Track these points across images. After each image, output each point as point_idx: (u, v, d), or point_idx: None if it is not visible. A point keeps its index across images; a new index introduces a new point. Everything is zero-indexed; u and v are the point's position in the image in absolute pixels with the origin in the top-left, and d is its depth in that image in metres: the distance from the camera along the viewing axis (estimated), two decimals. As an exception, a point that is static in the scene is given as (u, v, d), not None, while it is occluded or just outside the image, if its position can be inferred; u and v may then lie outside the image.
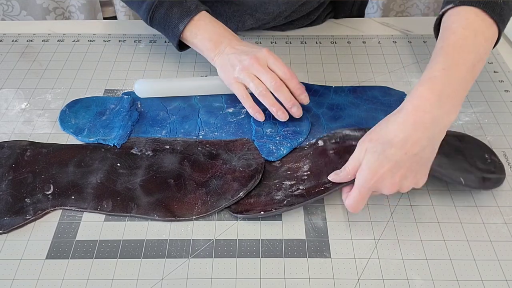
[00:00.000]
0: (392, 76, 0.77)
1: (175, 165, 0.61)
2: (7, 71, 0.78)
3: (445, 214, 0.57)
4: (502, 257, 0.53)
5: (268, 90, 0.65)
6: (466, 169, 0.59)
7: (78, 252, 0.53)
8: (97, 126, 0.67)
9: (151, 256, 0.53)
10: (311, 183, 0.57)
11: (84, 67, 0.79)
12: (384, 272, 0.52)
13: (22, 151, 0.63)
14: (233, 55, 0.67)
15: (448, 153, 0.61)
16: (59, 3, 1.13)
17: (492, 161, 0.61)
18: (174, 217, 0.56)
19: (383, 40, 0.85)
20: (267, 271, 0.52)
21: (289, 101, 0.65)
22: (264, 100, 0.65)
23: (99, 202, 0.57)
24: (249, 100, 0.67)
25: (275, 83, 0.65)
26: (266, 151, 0.63)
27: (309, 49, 0.83)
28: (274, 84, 0.65)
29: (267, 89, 0.65)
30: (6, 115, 0.70)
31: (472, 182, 0.57)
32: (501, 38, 0.85)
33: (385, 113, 0.68)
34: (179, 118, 0.69)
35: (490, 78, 0.77)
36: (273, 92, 0.65)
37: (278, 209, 0.55)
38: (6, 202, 0.57)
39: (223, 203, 0.57)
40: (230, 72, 0.67)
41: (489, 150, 0.63)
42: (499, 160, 0.62)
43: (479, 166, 0.60)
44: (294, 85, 0.66)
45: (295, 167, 0.60)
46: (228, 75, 0.68)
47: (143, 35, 0.86)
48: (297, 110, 0.66)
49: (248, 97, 0.67)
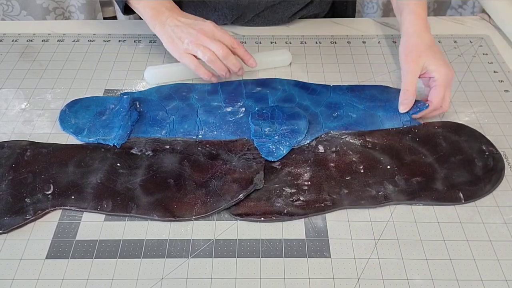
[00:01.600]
0: (392, 76, 0.77)
1: (175, 165, 0.61)
2: (7, 71, 0.78)
3: (444, 214, 0.57)
4: (502, 257, 0.53)
5: (216, 56, 0.70)
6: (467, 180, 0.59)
7: (78, 252, 0.53)
8: (97, 126, 0.67)
9: (151, 256, 0.53)
10: (311, 196, 0.58)
11: (84, 67, 0.79)
12: (384, 272, 0.52)
13: (22, 151, 0.63)
14: (177, 27, 0.71)
15: (447, 158, 0.61)
16: (59, 3, 1.13)
17: (490, 154, 0.62)
18: (174, 217, 0.56)
19: (383, 40, 0.85)
20: (267, 271, 0.52)
21: (237, 66, 0.71)
22: (213, 65, 0.70)
23: (99, 202, 0.57)
24: (202, 68, 0.71)
25: (222, 51, 0.69)
26: (265, 150, 0.63)
27: (309, 49, 0.83)
28: (222, 52, 0.69)
29: (215, 55, 0.70)
30: (6, 115, 0.70)
31: (472, 194, 0.58)
32: (501, 38, 0.86)
33: (383, 110, 0.69)
34: (178, 117, 0.69)
35: (490, 78, 0.77)
36: (221, 60, 0.70)
37: (279, 217, 0.56)
38: (6, 202, 0.57)
39: (222, 204, 0.57)
40: (178, 46, 0.71)
41: (485, 140, 0.64)
42: (496, 150, 0.63)
43: (478, 164, 0.61)
44: (241, 52, 0.72)
45: (296, 172, 0.60)
46: (177, 49, 0.71)
47: (143, 35, 0.86)
48: (241, 72, 0.73)
49: (200, 66, 0.71)
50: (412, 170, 0.60)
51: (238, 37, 0.86)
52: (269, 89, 0.74)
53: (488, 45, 0.84)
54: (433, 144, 0.63)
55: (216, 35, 0.71)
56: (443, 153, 0.62)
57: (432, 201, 0.57)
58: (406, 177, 0.60)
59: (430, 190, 0.58)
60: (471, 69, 0.78)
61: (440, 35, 0.86)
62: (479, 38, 0.86)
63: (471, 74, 0.78)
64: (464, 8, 1.18)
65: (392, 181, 0.59)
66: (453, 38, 0.86)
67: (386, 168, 0.61)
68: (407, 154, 0.62)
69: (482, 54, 0.82)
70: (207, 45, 0.70)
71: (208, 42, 0.69)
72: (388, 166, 0.61)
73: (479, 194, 0.58)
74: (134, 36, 0.86)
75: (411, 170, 0.60)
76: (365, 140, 0.64)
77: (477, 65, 0.79)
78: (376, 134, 0.65)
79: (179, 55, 0.71)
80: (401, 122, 0.67)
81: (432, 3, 1.19)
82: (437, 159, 0.62)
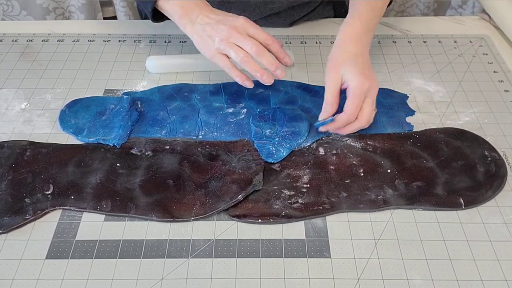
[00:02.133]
0: (392, 76, 0.77)
1: (175, 165, 0.61)
2: (7, 71, 0.78)
3: (444, 214, 0.57)
4: (501, 257, 0.53)
5: (249, 56, 0.64)
6: (468, 185, 0.59)
7: (78, 252, 0.53)
8: (97, 126, 0.67)
9: (151, 256, 0.53)
10: (310, 199, 0.58)
11: (84, 67, 0.79)
12: (384, 272, 0.52)
13: (22, 151, 0.63)
14: (208, 25, 0.66)
15: (449, 163, 0.61)
16: (59, 3, 1.13)
17: (492, 159, 0.62)
18: (173, 218, 0.56)
19: (383, 40, 0.85)
20: (267, 271, 0.52)
21: (273, 64, 0.64)
22: (246, 66, 0.64)
23: (98, 202, 0.57)
24: (235, 69, 0.66)
25: (256, 48, 0.64)
26: (265, 152, 0.63)
27: (309, 49, 0.83)
28: (256, 49, 0.64)
29: (248, 55, 0.64)
30: (6, 115, 0.70)
31: (473, 199, 0.58)
32: (501, 38, 0.86)
33: (386, 116, 0.69)
34: (179, 118, 0.69)
35: (490, 78, 0.77)
36: (255, 57, 0.65)
37: (276, 220, 0.56)
38: (6, 202, 0.57)
39: (221, 205, 0.57)
40: (209, 45, 0.66)
41: (488, 146, 0.64)
42: (499, 155, 0.62)
43: (480, 169, 0.60)
44: (276, 49, 0.67)
45: (295, 175, 0.60)
46: (208, 48, 0.66)
47: (143, 35, 0.86)
48: (282, 72, 0.65)
49: (233, 67, 0.66)
50: (412, 175, 0.60)
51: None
52: (271, 91, 0.73)
53: (488, 45, 0.84)
54: (434, 149, 0.63)
55: (249, 31, 0.66)
56: (444, 158, 0.62)
57: (432, 206, 0.57)
58: (406, 181, 0.59)
59: (430, 195, 0.58)
60: (471, 69, 0.78)
61: (440, 35, 0.86)
62: (479, 38, 0.86)
63: (471, 74, 0.78)
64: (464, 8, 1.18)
65: (392, 185, 0.59)
66: (453, 38, 0.86)
67: (386, 172, 0.61)
68: (408, 158, 0.62)
69: (482, 54, 0.82)
70: (239, 43, 0.64)
71: (240, 39, 0.64)
72: (389, 170, 0.61)
73: (480, 200, 0.58)
74: (134, 36, 0.86)
75: (412, 174, 0.60)
76: (366, 143, 0.64)
77: (477, 65, 0.79)
78: (377, 137, 0.65)
79: (210, 55, 0.67)
80: (404, 130, 0.67)
81: (432, 3, 1.19)
82: (438, 164, 0.61)
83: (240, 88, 0.74)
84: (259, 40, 0.65)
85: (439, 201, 0.57)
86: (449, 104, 0.72)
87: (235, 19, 0.66)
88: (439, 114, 0.70)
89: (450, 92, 0.74)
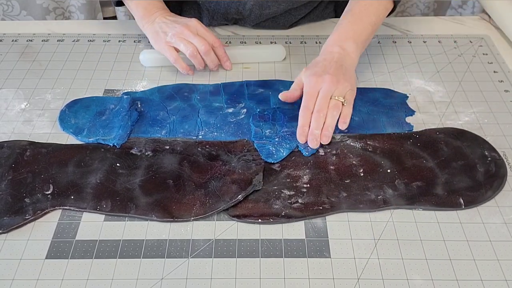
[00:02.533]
0: (392, 76, 0.77)
1: (175, 165, 0.61)
2: (7, 71, 0.78)
3: (444, 214, 0.57)
4: (501, 257, 0.53)
5: (197, 51, 0.73)
6: (468, 185, 0.59)
7: (77, 252, 0.53)
8: (97, 126, 0.67)
9: (151, 256, 0.53)
10: (310, 198, 0.58)
11: (84, 67, 0.79)
12: (384, 272, 0.51)
13: (21, 151, 0.63)
14: (164, 23, 0.75)
15: (449, 163, 0.61)
16: (59, 3, 1.13)
17: (492, 159, 0.62)
18: (172, 218, 0.56)
19: (383, 40, 0.85)
20: (267, 271, 0.52)
21: (215, 65, 0.75)
22: (194, 60, 0.73)
23: (98, 202, 0.57)
24: (180, 61, 0.74)
25: (204, 47, 0.73)
26: (265, 152, 0.63)
27: (309, 49, 0.83)
28: (204, 48, 0.73)
29: (197, 50, 0.73)
30: (6, 115, 0.70)
31: (473, 199, 0.58)
32: (501, 38, 0.86)
33: (386, 116, 0.69)
34: (179, 118, 0.69)
35: (490, 78, 0.77)
36: (202, 55, 0.73)
37: (276, 220, 0.56)
38: (6, 202, 0.57)
39: (221, 205, 0.57)
40: (161, 38, 0.74)
41: (488, 146, 0.64)
42: (499, 155, 0.62)
43: (480, 169, 0.60)
44: (221, 52, 0.76)
45: (295, 175, 0.60)
46: (160, 41, 0.74)
47: (143, 35, 0.86)
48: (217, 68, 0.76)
49: (179, 59, 0.74)
50: (412, 175, 0.60)
51: (238, 37, 0.86)
52: (272, 91, 0.73)
53: (488, 45, 0.84)
54: (434, 149, 0.63)
55: (200, 32, 0.74)
56: (444, 158, 0.62)
57: (432, 206, 0.57)
58: (406, 181, 0.59)
59: (430, 195, 0.58)
60: (471, 69, 0.78)
61: (440, 35, 0.86)
62: (479, 38, 0.86)
63: (471, 74, 0.78)
64: (464, 8, 1.18)
65: (392, 185, 0.59)
66: (453, 38, 0.86)
67: (386, 172, 0.61)
68: (408, 158, 0.62)
69: (482, 54, 0.82)
70: (190, 40, 0.72)
71: (191, 36, 0.72)
72: (389, 170, 0.61)
73: (480, 200, 0.58)
74: (134, 36, 0.86)
75: (412, 174, 0.60)
76: (366, 143, 0.64)
77: (477, 65, 0.79)
78: (377, 137, 0.65)
79: (160, 47, 0.74)
80: (404, 130, 0.67)
81: (432, 3, 1.19)
82: (438, 164, 0.61)
83: (240, 88, 0.74)
84: (208, 41, 0.73)
85: (439, 201, 0.57)
86: (449, 104, 0.72)
87: (188, 20, 0.75)
88: (439, 114, 0.70)
89: (450, 92, 0.74)
